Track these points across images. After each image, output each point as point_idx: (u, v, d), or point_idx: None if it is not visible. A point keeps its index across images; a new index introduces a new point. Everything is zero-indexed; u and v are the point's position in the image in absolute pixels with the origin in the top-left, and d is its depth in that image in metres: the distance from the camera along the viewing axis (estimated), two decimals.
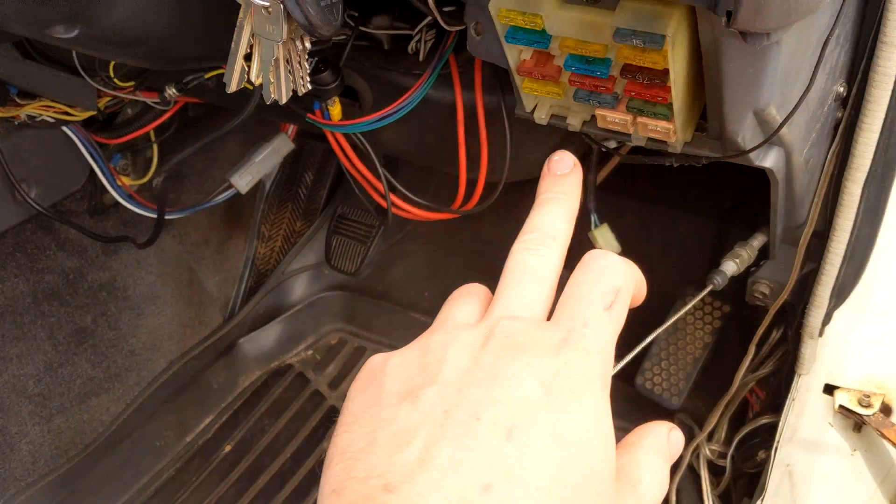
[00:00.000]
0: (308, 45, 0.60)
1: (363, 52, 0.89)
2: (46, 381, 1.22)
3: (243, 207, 1.46)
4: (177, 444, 1.31)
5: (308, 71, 0.61)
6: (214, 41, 0.61)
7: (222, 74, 0.69)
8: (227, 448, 1.32)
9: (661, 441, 0.45)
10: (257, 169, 1.18)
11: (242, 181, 1.17)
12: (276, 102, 0.63)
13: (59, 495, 1.19)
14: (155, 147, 1.29)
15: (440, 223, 1.15)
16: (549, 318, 0.45)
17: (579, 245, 0.51)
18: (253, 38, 0.57)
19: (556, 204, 0.50)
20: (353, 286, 1.49)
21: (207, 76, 0.90)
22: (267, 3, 0.55)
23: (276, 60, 0.58)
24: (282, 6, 0.54)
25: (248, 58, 0.59)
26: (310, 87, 0.62)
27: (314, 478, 1.28)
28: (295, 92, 0.62)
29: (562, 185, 0.52)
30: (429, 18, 0.80)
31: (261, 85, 0.59)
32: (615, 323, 0.44)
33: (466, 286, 0.50)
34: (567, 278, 0.47)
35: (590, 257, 0.46)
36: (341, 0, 0.56)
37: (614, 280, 0.45)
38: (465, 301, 0.48)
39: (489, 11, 0.60)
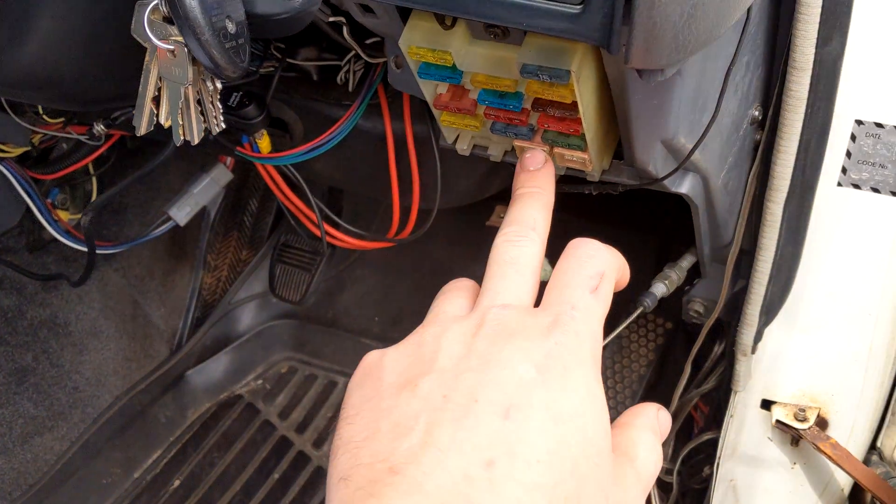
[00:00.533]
0: (219, 85, 0.59)
1: (292, 83, 0.89)
2: None
3: (188, 237, 1.45)
4: (124, 480, 1.29)
5: (221, 110, 0.61)
6: (128, 82, 0.61)
7: None
8: (176, 483, 1.30)
9: (652, 420, 0.47)
10: (196, 200, 1.17)
11: (181, 213, 1.16)
12: (207, 137, 0.63)
13: None
14: (94, 180, 1.27)
15: (389, 248, 1.15)
16: (536, 306, 0.47)
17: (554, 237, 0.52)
18: (160, 80, 0.57)
19: (533, 197, 0.53)
20: (302, 314, 1.48)
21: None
22: (171, 47, 0.54)
23: (186, 102, 0.58)
24: (186, 49, 0.54)
25: (157, 100, 0.59)
26: (223, 127, 0.61)
27: None
28: (208, 131, 0.61)
29: (536, 179, 0.55)
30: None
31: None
32: (602, 305, 0.46)
33: (455, 281, 0.51)
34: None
35: (573, 245, 0.48)
36: (248, 41, 0.55)
37: (598, 264, 0.47)
38: (455, 295, 0.49)
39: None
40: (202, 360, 1.41)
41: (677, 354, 1.21)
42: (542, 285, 0.49)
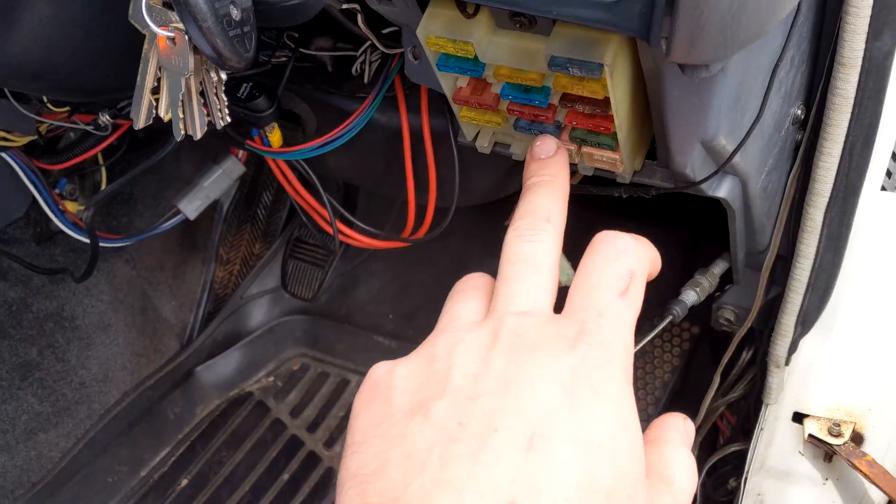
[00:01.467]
0: (223, 75, 0.55)
1: (305, 73, 0.85)
2: None
3: (200, 229, 1.41)
4: (131, 479, 1.26)
5: (227, 103, 0.57)
6: (127, 72, 0.57)
7: None
8: (184, 482, 1.27)
9: (682, 433, 0.43)
10: (206, 193, 1.13)
11: (191, 206, 1.13)
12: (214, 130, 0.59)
13: None
14: (103, 170, 1.23)
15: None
16: (554, 305, 0.43)
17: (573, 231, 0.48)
18: (160, 70, 0.53)
19: (545, 186, 0.48)
20: (315, 310, 1.44)
21: None
22: (171, 34, 0.50)
23: (188, 94, 0.54)
24: (186, 37, 0.50)
25: (157, 91, 0.55)
26: (228, 121, 0.57)
27: None
28: (213, 125, 0.57)
29: (548, 167, 0.50)
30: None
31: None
32: (632, 309, 0.42)
33: (468, 278, 0.47)
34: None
35: (599, 240, 0.44)
36: (254, 29, 0.51)
37: (627, 262, 0.42)
38: (469, 296, 0.45)
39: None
40: (212, 356, 1.38)
41: (703, 360, 1.16)
42: (562, 289, 0.45)
